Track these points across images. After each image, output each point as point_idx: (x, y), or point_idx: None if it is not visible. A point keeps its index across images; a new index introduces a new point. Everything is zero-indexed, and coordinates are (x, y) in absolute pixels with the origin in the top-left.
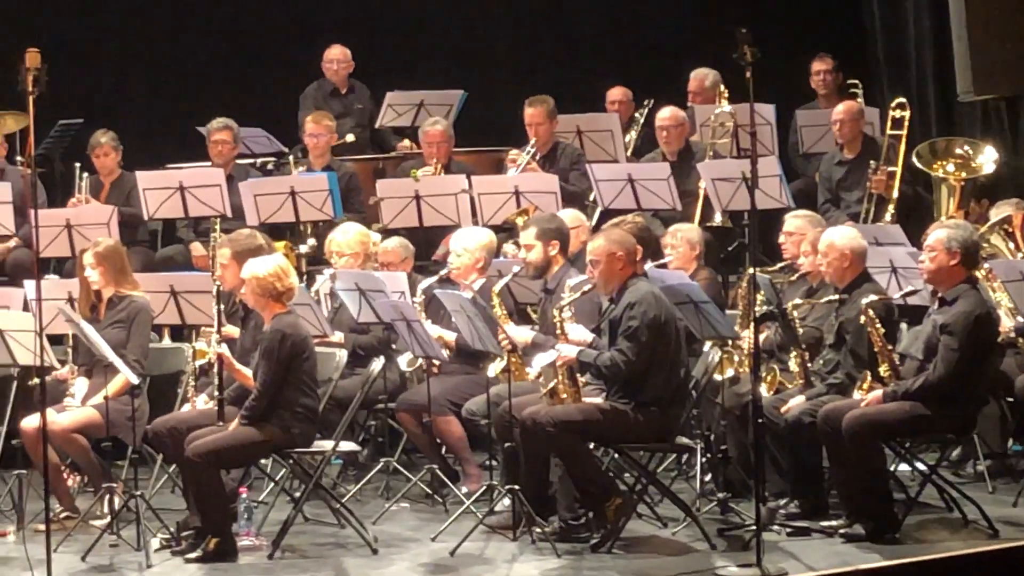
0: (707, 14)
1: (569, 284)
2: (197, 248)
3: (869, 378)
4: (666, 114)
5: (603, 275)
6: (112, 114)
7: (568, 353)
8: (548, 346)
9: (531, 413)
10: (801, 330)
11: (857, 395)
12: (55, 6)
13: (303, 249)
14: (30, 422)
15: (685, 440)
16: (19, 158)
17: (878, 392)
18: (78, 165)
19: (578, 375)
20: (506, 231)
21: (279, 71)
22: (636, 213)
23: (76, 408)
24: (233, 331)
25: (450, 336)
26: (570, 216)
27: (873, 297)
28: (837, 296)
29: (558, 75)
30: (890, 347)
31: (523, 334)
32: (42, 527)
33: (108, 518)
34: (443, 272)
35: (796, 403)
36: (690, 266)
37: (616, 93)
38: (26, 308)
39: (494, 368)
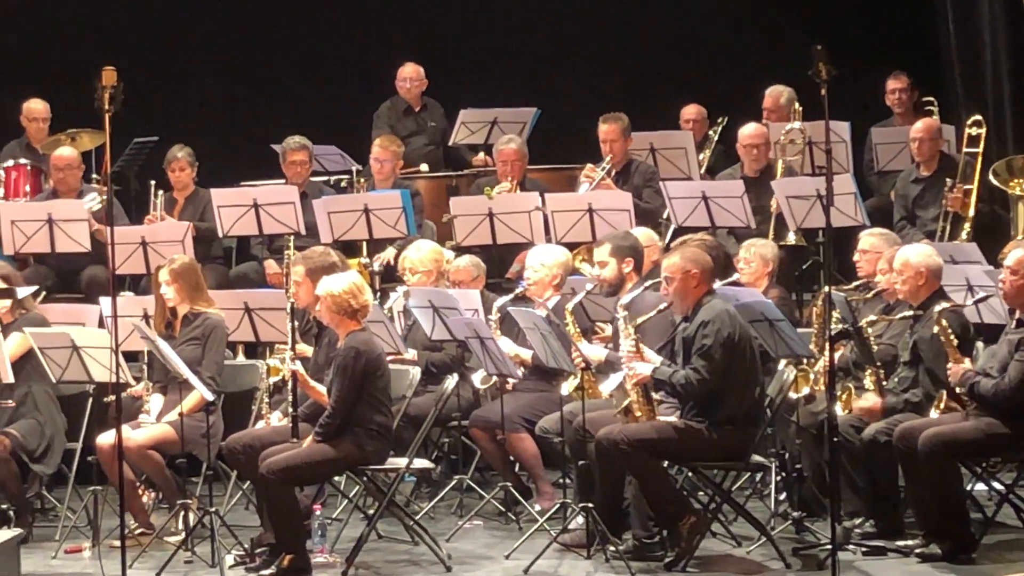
0: (782, 31)
1: (621, 303)
2: (271, 265)
3: (945, 397)
4: (752, 131)
5: (678, 292)
6: (187, 132)
7: (642, 371)
8: (621, 364)
9: (606, 432)
10: (876, 348)
11: (934, 414)
12: (131, 25)
13: (376, 267)
14: (106, 439)
15: (760, 458)
16: (95, 176)
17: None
18: (153, 183)
19: (652, 393)
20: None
21: (353, 89)
22: (702, 234)
23: (151, 425)
24: (307, 349)
25: (525, 354)
26: (642, 235)
27: (945, 304)
28: (912, 313)
29: (632, 92)
30: (965, 359)
31: (597, 352)
32: (117, 543)
33: (183, 535)
34: (519, 290)
35: (868, 402)
36: (761, 282)
37: (690, 111)
38: (102, 325)
39: (567, 386)
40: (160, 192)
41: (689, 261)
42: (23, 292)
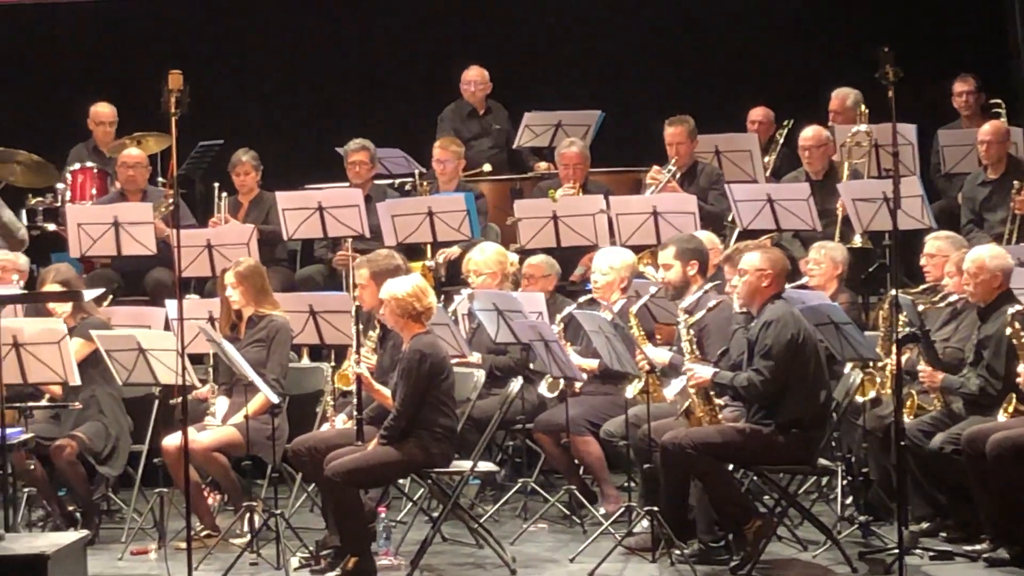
0: (848, 34)
1: (683, 306)
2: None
3: (1015, 400)
4: (808, 134)
5: (747, 287)
6: (252, 135)
7: (701, 374)
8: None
9: (671, 435)
10: (943, 351)
11: (1002, 417)
12: (197, 29)
13: (439, 260)
14: (171, 441)
15: (826, 462)
16: (161, 179)
17: None
18: (217, 185)
19: (713, 396)
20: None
21: (417, 92)
22: (768, 236)
23: (216, 427)
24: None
25: (592, 364)
26: (704, 238)
27: (1019, 307)
28: (979, 315)
29: (698, 95)
30: None
31: (661, 355)
32: (183, 545)
33: (248, 537)
34: (583, 299)
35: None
36: (830, 285)
37: (757, 113)
38: (167, 328)
39: (632, 389)
40: (224, 195)
41: (766, 260)
42: (89, 295)
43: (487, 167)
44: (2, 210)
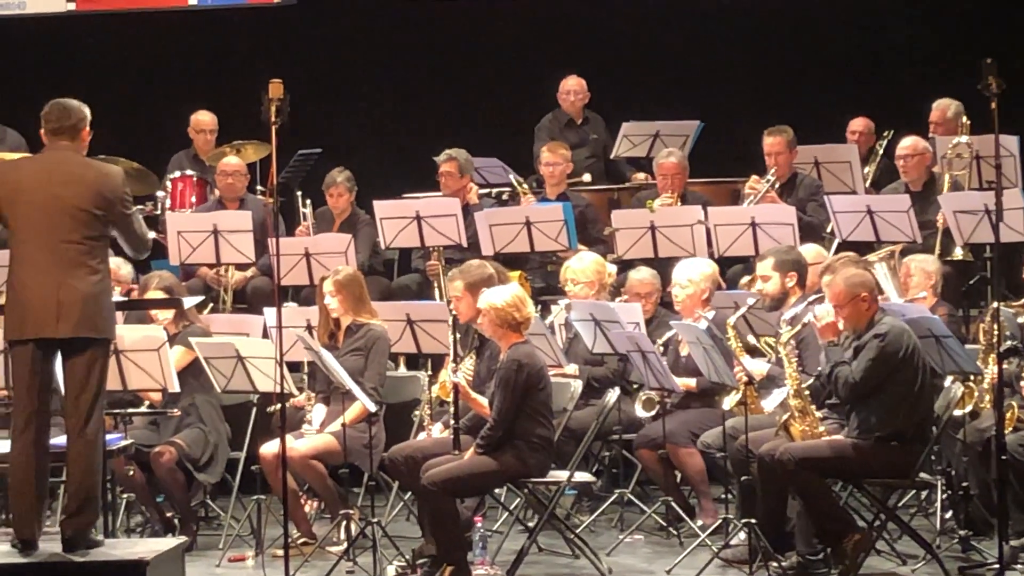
0: (950, 44)
1: (784, 318)
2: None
3: None
4: (907, 143)
5: (851, 319)
6: (350, 144)
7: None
8: (783, 380)
9: (769, 448)
10: None
11: None
12: (297, 38)
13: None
14: (269, 448)
15: (926, 476)
16: (260, 188)
17: None
18: (299, 193)
19: (813, 408)
20: (742, 262)
21: (515, 101)
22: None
23: (314, 435)
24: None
25: (691, 383)
26: (812, 252)
27: None
28: None
29: (796, 105)
30: None
31: (759, 367)
32: (280, 552)
33: (345, 545)
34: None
35: None
36: (926, 298)
37: (858, 124)
38: (265, 335)
39: (729, 401)
40: (308, 202)
41: (856, 285)
42: (189, 302)
43: (587, 177)
44: (135, 217)
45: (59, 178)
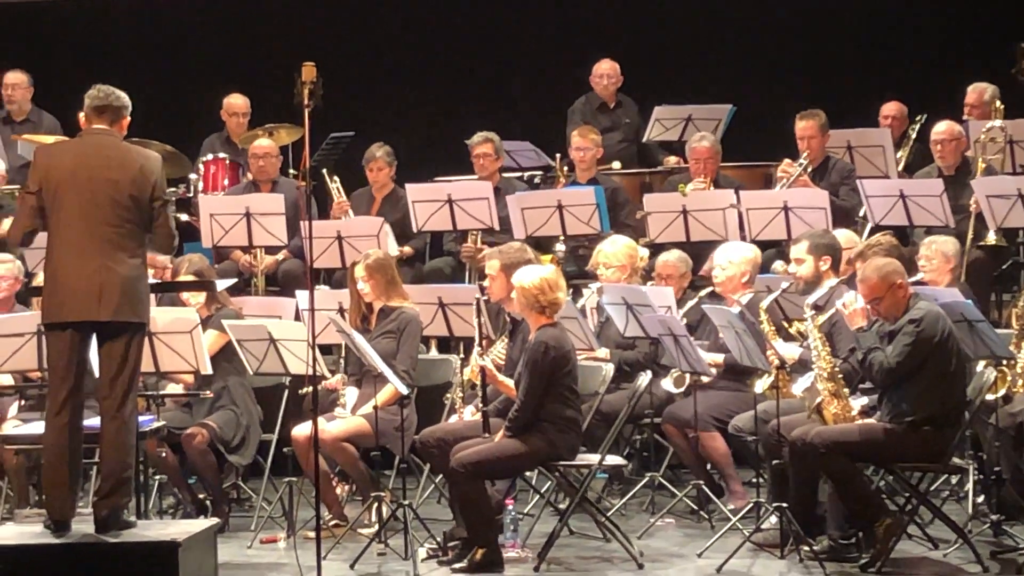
0: (983, 29)
1: (809, 301)
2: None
3: None
4: (941, 128)
5: (888, 308)
6: (382, 127)
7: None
8: (813, 364)
9: (800, 432)
10: None
11: None
12: (330, 21)
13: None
14: (301, 430)
15: (958, 460)
16: (292, 171)
17: None
18: (324, 171)
19: (846, 391)
20: (774, 247)
21: (547, 85)
22: (884, 233)
23: (346, 417)
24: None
25: (718, 359)
26: (845, 237)
27: None
28: None
29: (829, 89)
30: None
31: (791, 351)
32: (312, 534)
33: (376, 527)
34: (704, 292)
35: None
36: (942, 280)
37: (890, 108)
38: (297, 318)
39: (761, 384)
40: (335, 177)
41: (890, 274)
42: (222, 285)
43: (616, 164)
44: (169, 207)
45: (100, 161)
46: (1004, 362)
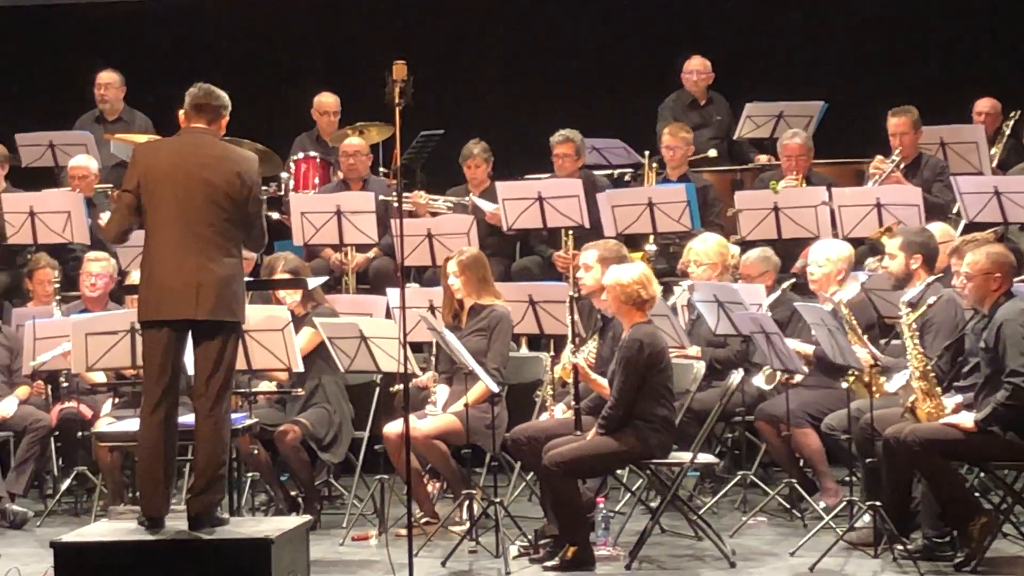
0: None
1: (903, 300)
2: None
3: None
4: None
5: (975, 292)
6: (472, 125)
7: (965, 422)
8: (906, 362)
9: (894, 430)
10: None
11: None
12: (420, 19)
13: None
14: (392, 428)
15: None
16: (383, 169)
17: None
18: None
19: (938, 390)
20: (867, 245)
21: (638, 82)
22: (992, 230)
23: (437, 415)
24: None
25: (807, 349)
26: (940, 231)
27: None
28: None
29: (922, 85)
30: None
31: (864, 354)
32: (403, 532)
33: (467, 524)
34: (786, 284)
35: None
36: None
37: (984, 104)
38: (388, 316)
39: (852, 382)
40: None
41: (994, 263)
42: (314, 283)
43: (712, 152)
44: (263, 208)
45: (199, 160)
46: None
